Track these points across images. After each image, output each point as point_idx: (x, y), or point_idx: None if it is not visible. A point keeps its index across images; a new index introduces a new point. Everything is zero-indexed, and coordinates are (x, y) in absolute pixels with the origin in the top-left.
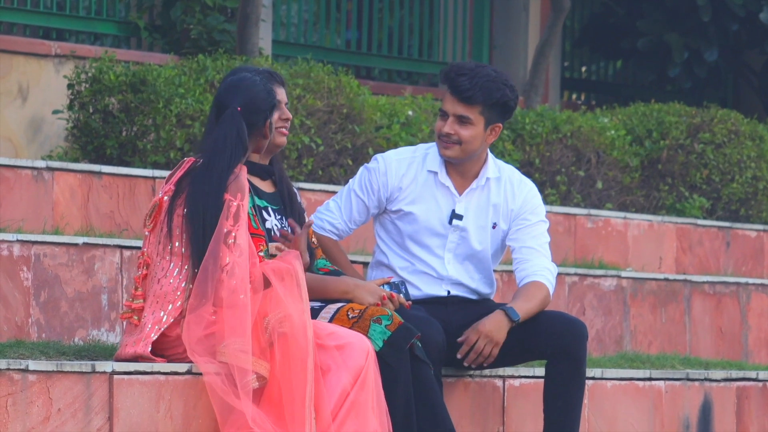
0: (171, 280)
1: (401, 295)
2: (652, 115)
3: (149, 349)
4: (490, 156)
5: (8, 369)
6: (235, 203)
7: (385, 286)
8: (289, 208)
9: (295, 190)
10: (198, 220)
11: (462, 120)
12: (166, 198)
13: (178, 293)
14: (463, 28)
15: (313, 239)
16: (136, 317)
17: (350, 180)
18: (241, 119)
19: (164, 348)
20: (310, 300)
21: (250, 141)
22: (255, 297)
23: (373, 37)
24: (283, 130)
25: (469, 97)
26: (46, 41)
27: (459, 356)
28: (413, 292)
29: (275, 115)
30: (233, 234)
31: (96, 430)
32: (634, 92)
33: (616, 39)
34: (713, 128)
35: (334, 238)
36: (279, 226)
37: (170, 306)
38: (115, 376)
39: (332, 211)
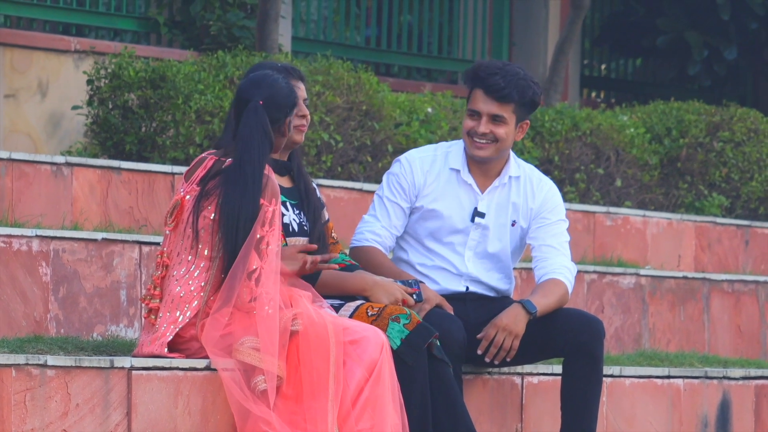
0: (190, 282)
1: (413, 297)
2: (671, 113)
3: (165, 349)
4: (512, 154)
5: (27, 364)
6: (270, 208)
7: (399, 282)
8: (306, 203)
9: (314, 186)
10: (232, 226)
11: (496, 119)
12: (188, 197)
13: (195, 294)
14: (483, 25)
15: (334, 234)
16: (153, 316)
17: (377, 191)
18: (264, 113)
19: (179, 345)
20: (328, 297)
21: None
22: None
23: (393, 34)
24: (301, 127)
25: (504, 96)
26: (66, 37)
27: (479, 352)
28: (431, 287)
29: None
30: (266, 239)
31: (114, 425)
32: (654, 90)
33: (635, 37)
34: (733, 126)
35: (378, 247)
36: (297, 221)
37: (186, 307)
38: (134, 372)
39: (368, 221)
